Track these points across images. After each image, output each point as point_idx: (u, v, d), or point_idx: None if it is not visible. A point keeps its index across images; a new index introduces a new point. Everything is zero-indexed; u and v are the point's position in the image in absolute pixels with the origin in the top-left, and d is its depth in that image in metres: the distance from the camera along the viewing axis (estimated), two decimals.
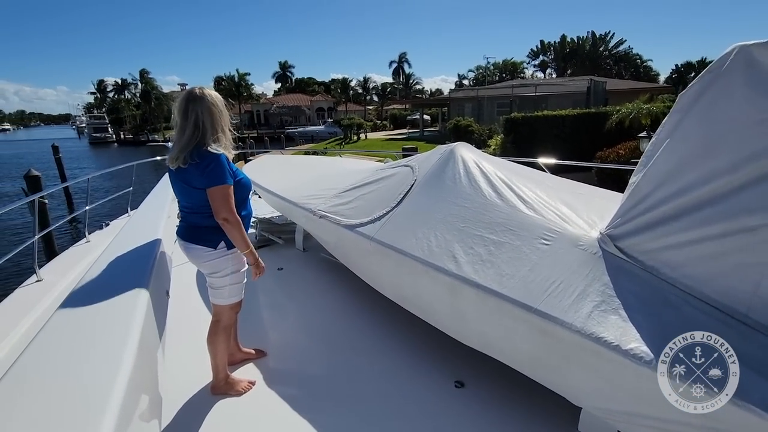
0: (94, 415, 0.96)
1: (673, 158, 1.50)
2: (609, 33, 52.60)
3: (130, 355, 1.21)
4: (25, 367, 1.19)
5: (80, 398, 1.03)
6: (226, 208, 1.86)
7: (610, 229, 1.67)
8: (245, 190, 2.06)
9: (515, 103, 23.33)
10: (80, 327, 1.38)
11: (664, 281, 1.50)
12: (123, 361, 1.18)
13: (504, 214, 2.03)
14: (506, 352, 1.88)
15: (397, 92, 58.64)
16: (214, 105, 1.91)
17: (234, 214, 1.89)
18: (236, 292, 2.10)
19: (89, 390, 1.06)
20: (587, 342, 1.45)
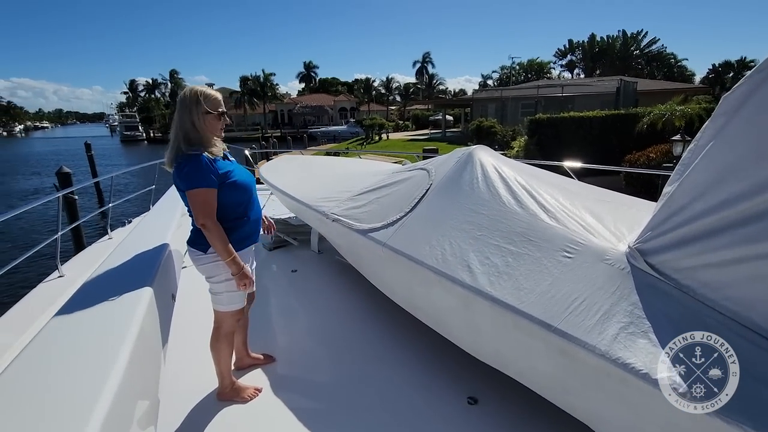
0: (81, 415, 0.94)
1: (714, 166, 1.34)
2: (641, 32, 50.91)
3: (124, 357, 1.19)
4: (17, 369, 1.18)
5: (69, 399, 1.02)
6: (203, 213, 1.78)
7: (640, 242, 1.53)
8: (241, 191, 1.94)
9: (540, 103, 22.79)
10: (77, 328, 1.36)
11: (701, 303, 1.35)
12: (116, 363, 1.16)
13: (524, 222, 1.90)
14: (523, 371, 1.75)
15: (420, 92, 58.38)
16: (193, 104, 1.82)
17: (211, 220, 1.79)
18: (236, 300, 2.00)
19: (78, 391, 1.04)
20: (612, 367, 1.32)
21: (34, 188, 22.04)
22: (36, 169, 30.01)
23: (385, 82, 57.42)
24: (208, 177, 1.78)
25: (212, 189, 1.80)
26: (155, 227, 2.36)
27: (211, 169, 1.80)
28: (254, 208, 2.06)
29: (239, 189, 1.93)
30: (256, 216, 2.09)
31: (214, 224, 1.81)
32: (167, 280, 1.91)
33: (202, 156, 1.79)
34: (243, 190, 1.96)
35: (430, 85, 59.07)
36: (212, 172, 1.80)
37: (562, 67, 60.13)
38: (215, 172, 1.82)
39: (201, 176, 1.77)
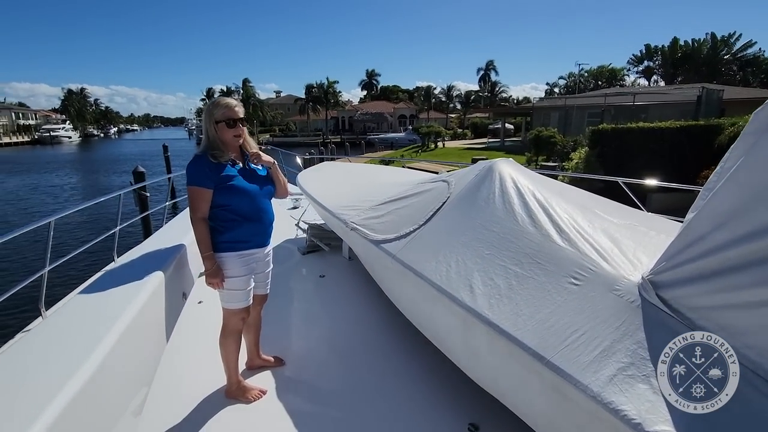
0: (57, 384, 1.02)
1: (740, 192, 1.16)
2: (734, 34, 45.96)
3: (105, 348, 1.27)
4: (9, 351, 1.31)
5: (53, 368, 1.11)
6: (191, 207, 1.97)
7: (654, 273, 1.36)
8: (238, 195, 2.02)
9: (609, 113, 21.35)
10: (80, 310, 1.48)
11: None
12: (101, 344, 1.24)
13: (534, 243, 1.78)
14: (518, 403, 1.63)
15: (482, 100, 57.24)
16: (213, 112, 2.01)
17: (195, 215, 1.96)
18: (235, 298, 2.07)
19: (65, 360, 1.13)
20: (603, 412, 1.18)
21: (115, 185, 24.53)
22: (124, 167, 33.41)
23: (445, 90, 57.02)
24: (201, 177, 1.94)
25: (203, 189, 1.95)
26: (175, 231, 2.51)
27: (206, 172, 1.94)
28: (257, 213, 2.09)
29: (235, 193, 2.01)
30: (261, 221, 2.13)
31: (199, 221, 1.97)
32: (179, 279, 2.01)
33: (203, 158, 1.95)
34: (240, 195, 2.03)
35: (493, 93, 57.76)
36: (207, 175, 1.94)
37: (637, 74, 56.06)
38: (212, 175, 1.95)
39: (195, 176, 1.95)
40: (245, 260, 2.06)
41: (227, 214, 2.01)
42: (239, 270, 2.05)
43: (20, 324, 3.03)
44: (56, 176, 28.43)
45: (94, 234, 12.22)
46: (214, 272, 1.99)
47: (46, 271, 3.01)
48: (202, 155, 1.98)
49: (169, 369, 2.35)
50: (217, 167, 1.97)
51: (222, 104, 2.00)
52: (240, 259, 2.04)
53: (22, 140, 65.29)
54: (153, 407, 2.06)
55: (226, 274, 2.03)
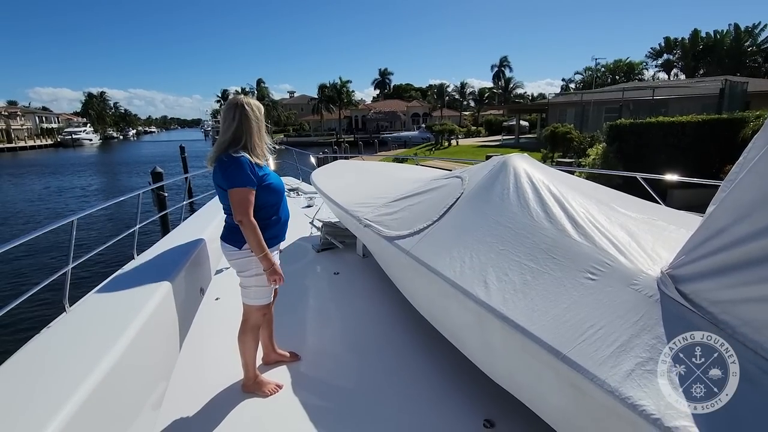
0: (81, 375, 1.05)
1: (762, 183, 1.13)
2: (759, 24, 44.48)
3: (129, 335, 1.30)
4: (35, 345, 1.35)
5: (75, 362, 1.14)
6: (241, 210, 1.92)
7: (674, 267, 1.33)
8: (275, 194, 2.09)
9: (628, 107, 20.89)
10: (100, 306, 1.53)
11: (740, 343, 1.14)
12: (121, 338, 1.27)
13: (549, 239, 1.76)
14: (534, 399, 1.61)
15: (496, 97, 56.68)
16: (252, 113, 2.01)
17: (248, 217, 1.93)
18: (262, 295, 2.12)
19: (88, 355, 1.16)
20: (621, 407, 1.16)
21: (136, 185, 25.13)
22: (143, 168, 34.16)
23: (458, 88, 56.64)
24: (249, 178, 1.95)
25: (252, 189, 1.96)
26: (194, 228, 2.56)
27: (252, 171, 1.97)
28: (285, 210, 2.20)
29: (273, 192, 2.08)
30: (285, 218, 2.22)
31: (251, 221, 1.94)
32: (197, 274, 2.06)
33: (244, 158, 1.96)
34: (276, 193, 2.11)
35: (507, 90, 57.13)
36: (253, 174, 1.97)
37: (656, 68, 54.78)
38: (256, 174, 1.98)
39: (243, 176, 1.93)
40: (275, 257, 2.11)
41: (267, 212, 2.06)
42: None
43: (46, 319, 3.13)
44: (79, 178, 29.33)
45: (114, 233, 12.57)
46: (274, 269, 2.02)
47: (70, 268, 3.11)
48: (243, 156, 1.96)
49: (186, 364, 2.40)
50: (255, 167, 2.00)
51: (257, 107, 2.06)
52: (274, 256, 2.09)
53: (45, 143, 67.43)
54: (171, 401, 2.11)
55: (262, 271, 2.07)
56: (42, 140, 67.76)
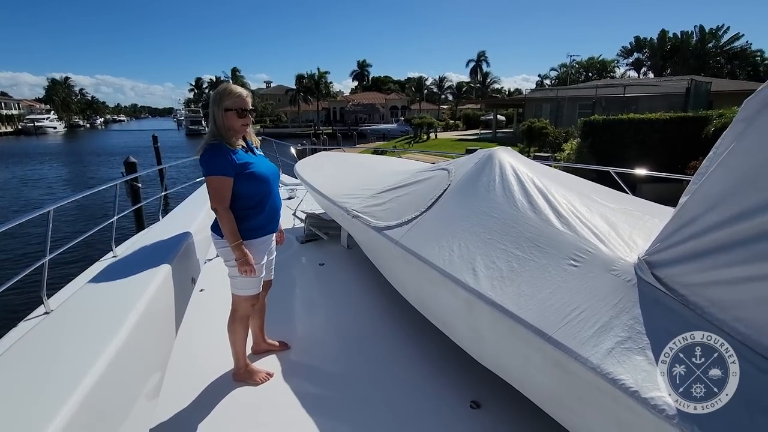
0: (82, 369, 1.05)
1: (729, 176, 1.24)
2: (722, 27, 46.41)
3: (130, 324, 1.30)
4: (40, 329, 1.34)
5: (76, 353, 1.13)
6: (215, 198, 1.93)
7: (649, 254, 1.44)
8: (258, 183, 2.05)
9: (600, 104, 21.54)
10: (98, 297, 1.52)
11: (709, 323, 1.25)
12: (121, 329, 1.27)
13: (534, 228, 1.85)
14: (521, 379, 1.71)
15: (473, 92, 57.22)
16: (218, 99, 1.97)
17: (221, 205, 1.93)
18: (248, 285, 2.11)
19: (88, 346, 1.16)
20: (603, 383, 1.26)
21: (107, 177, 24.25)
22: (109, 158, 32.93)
23: (437, 81, 56.86)
24: (224, 166, 1.92)
25: (226, 177, 1.93)
26: (182, 219, 2.55)
27: (227, 160, 1.93)
28: (272, 200, 2.15)
29: (255, 180, 2.03)
30: (274, 207, 2.18)
31: (224, 210, 1.95)
32: (188, 264, 2.06)
33: (221, 146, 1.93)
34: (260, 182, 2.06)
35: (484, 84, 57.73)
36: (228, 163, 1.93)
37: (627, 66, 56.47)
38: (232, 163, 1.94)
39: (217, 165, 1.92)
40: (262, 247, 2.11)
41: (248, 202, 2.03)
42: (260, 257, 2.10)
43: (23, 312, 3.05)
44: (47, 168, 28.01)
45: (87, 224, 12.14)
46: (246, 260, 1.99)
47: (47, 260, 3.03)
48: (218, 144, 1.95)
49: (179, 354, 2.40)
50: (234, 155, 1.97)
51: (234, 93, 1.98)
52: (261, 246, 2.08)
53: (5, 131, 63.91)
54: (165, 391, 2.11)
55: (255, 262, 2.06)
56: (1, 127, 64.23)
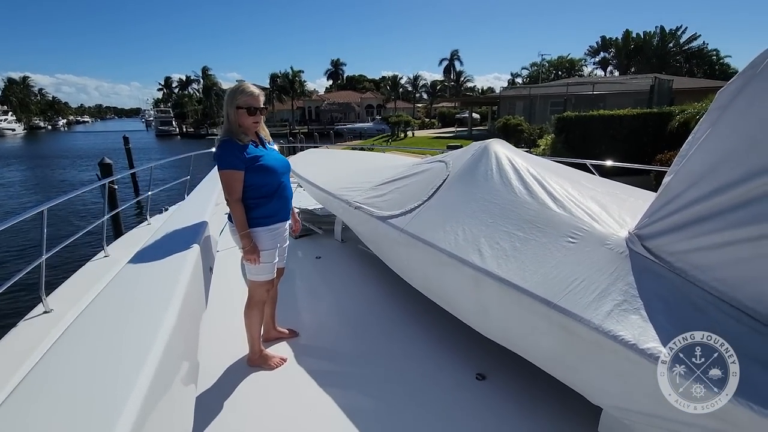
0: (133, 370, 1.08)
1: (707, 157, 1.44)
2: (680, 27, 48.72)
3: (171, 319, 1.36)
4: (81, 324, 1.37)
5: (123, 356, 1.16)
6: (226, 191, 2.10)
7: (639, 228, 1.64)
8: (267, 174, 2.16)
9: (570, 102, 22.33)
10: (130, 295, 1.56)
11: (692, 284, 1.45)
12: (163, 324, 1.31)
13: (533, 211, 2.03)
14: (527, 347, 1.88)
15: (448, 90, 57.94)
16: (227, 98, 2.11)
17: (232, 197, 2.09)
18: (263, 271, 2.22)
19: (131, 349, 1.19)
20: (605, 340, 1.44)
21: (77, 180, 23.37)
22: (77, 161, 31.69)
23: (412, 80, 57.28)
24: (234, 161, 2.06)
25: (236, 171, 2.07)
26: (194, 210, 2.60)
27: (236, 154, 2.06)
28: (281, 189, 2.26)
29: (265, 172, 2.16)
30: (284, 196, 2.29)
31: (235, 202, 2.10)
32: (206, 254, 2.13)
33: (232, 142, 2.06)
34: (269, 173, 2.18)
35: (458, 83, 58.55)
36: (238, 157, 2.07)
37: (594, 65, 58.50)
38: (242, 157, 2.07)
39: (227, 160, 2.06)
40: (273, 234, 2.21)
41: (257, 192, 2.15)
42: (269, 243, 2.21)
43: (22, 311, 3.03)
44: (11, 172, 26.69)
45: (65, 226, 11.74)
46: (251, 249, 2.13)
47: (44, 259, 3.02)
48: (229, 139, 2.08)
49: None
50: (244, 149, 2.09)
51: (247, 91, 2.10)
52: (270, 233, 2.19)
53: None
54: None
55: (263, 248, 2.18)
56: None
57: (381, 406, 2.03)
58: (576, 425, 1.84)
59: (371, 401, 2.08)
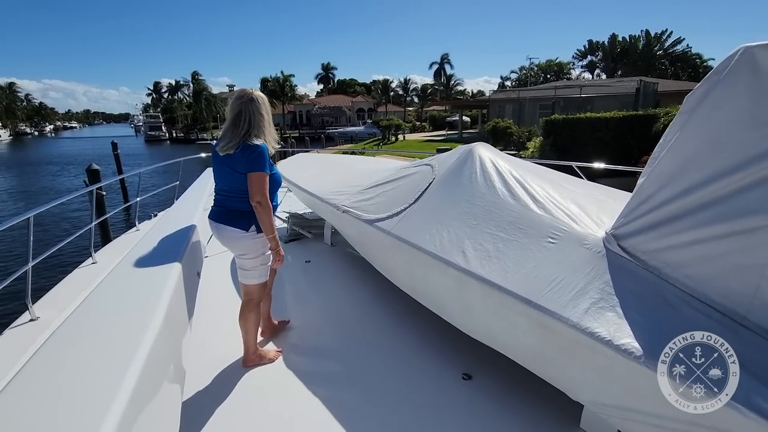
0: (117, 375, 1.09)
1: (677, 159, 1.50)
2: (665, 31, 49.68)
3: (156, 324, 1.37)
4: (66, 330, 1.37)
5: (106, 362, 1.17)
6: (261, 192, 2.07)
7: (615, 228, 1.69)
8: (275, 185, 2.27)
9: (559, 104, 22.61)
10: (115, 301, 1.57)
11: (665, 281, 1.51)
12: (148, 330, 1.32)
13: (515, 213, 2.08)
14: (509, 345, 1.93)
15: (438, 93, 58.30)
16: (262, 105, 2.17)
17: (267, 199, 2.11)
18: (265, 272, 2.30)
19: (115, 355, 1.20)
20: (582, 336, 1.49)
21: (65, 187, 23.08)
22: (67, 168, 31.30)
23: (402, 83, 57.55)
24: (267, 164, 2.12)
25: (268, 174, 2.13)
26: (181, 216, 2.62)
27: (268, 160, 2.15)
28: (276, 200, 2.39)
29: (274, 182, 2.26)
30: (276, 206, 2.40)
31: (269, 203, 2.12)
32: (193, 259, 2.14)
33: (265, 146, 2.13)
34: (276, 183, 2.29)
35: (448, 86, 58.96)
36: (270, 163, 2.16)
37: (582, 68, 59.29)
38: (270, 164, 2.17)
39: (265, 162, 2.10)
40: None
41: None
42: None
43: (7, 320, 3.00)
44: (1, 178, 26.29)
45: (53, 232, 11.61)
46: (280, 249, 2.22)
47: (30, 267, 3.00)
48: (265, 145, 2.13)
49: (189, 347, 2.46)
50: (270, 158, 2.21)
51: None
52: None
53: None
54: None
55: (265, 251, 2.25)
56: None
57: (369, 407, 2.06)
58: (561, 422, 1.89)
59: (359, 402, 2.10)
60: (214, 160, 2.22)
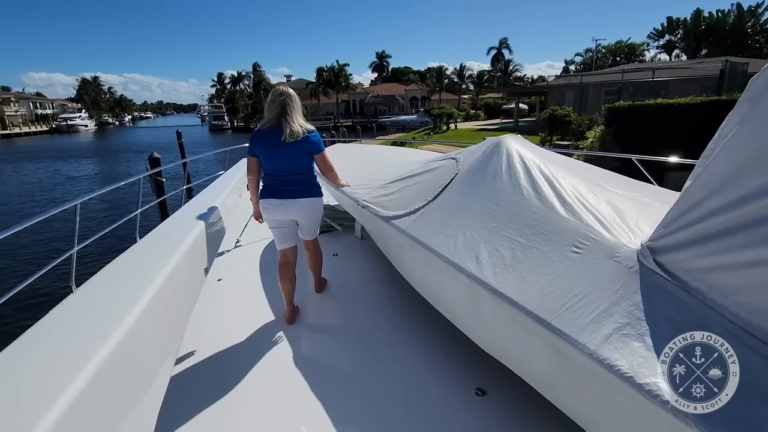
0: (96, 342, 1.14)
1: (735, 158, 1.20)
2: (761, 4, 43.77)
3: (141, 306, 1.40)
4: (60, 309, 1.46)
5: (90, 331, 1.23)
6: (330, 164, 2.90)
7: (652, 240, 1.41)
8: None
9: (628, 89, 20.78)
10: (110, 280, 1.63)
11: (710, 308, 1.22)
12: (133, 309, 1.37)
13: (538, 215, 1.84)
14: (522, 365, 1.72)
15: (495, 80, 56.11)
16: (296, 98, 2.69)
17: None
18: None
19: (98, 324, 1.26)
20: (599, 368, 1.25)
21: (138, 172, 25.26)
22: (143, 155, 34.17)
23: (457, 70, 55.97)
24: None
25: None
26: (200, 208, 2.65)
27: None
28: None
29: None
30: None
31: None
32: (200, 254, 2.14)
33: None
34: None
35: (506, 72, 56.50)
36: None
37: (658, 49, 54.15)
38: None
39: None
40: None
41: None
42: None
43: (55, 299, 3.23)
44: (78, 165, 29.30)
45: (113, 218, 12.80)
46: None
47: (75, 251, 3.20)
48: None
49: (192, 341, 2.51)
50: None
51: None
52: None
53: (40, 129, 66.86)
54: (178, 378, 2.22)
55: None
56: (37, 126, 67.19)
57: (379, 418, 1.96)
58: None
59: (370, 411, 2.00)
60: (276, 147, 2.56)
